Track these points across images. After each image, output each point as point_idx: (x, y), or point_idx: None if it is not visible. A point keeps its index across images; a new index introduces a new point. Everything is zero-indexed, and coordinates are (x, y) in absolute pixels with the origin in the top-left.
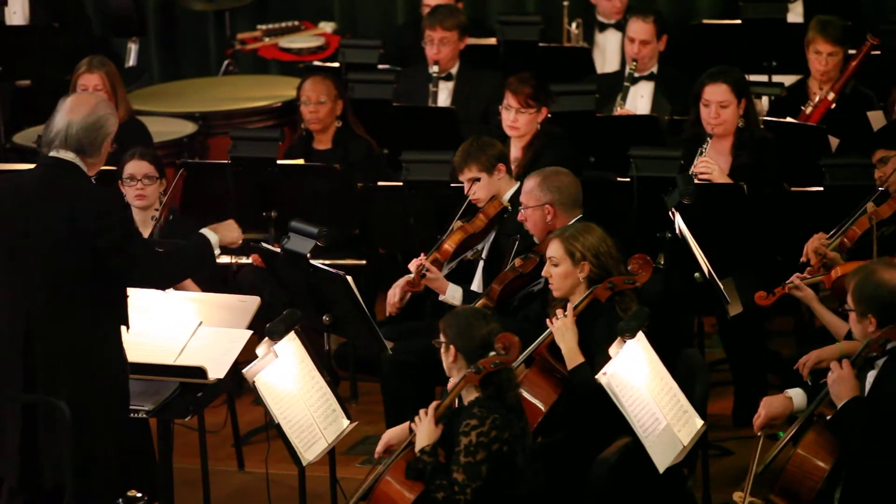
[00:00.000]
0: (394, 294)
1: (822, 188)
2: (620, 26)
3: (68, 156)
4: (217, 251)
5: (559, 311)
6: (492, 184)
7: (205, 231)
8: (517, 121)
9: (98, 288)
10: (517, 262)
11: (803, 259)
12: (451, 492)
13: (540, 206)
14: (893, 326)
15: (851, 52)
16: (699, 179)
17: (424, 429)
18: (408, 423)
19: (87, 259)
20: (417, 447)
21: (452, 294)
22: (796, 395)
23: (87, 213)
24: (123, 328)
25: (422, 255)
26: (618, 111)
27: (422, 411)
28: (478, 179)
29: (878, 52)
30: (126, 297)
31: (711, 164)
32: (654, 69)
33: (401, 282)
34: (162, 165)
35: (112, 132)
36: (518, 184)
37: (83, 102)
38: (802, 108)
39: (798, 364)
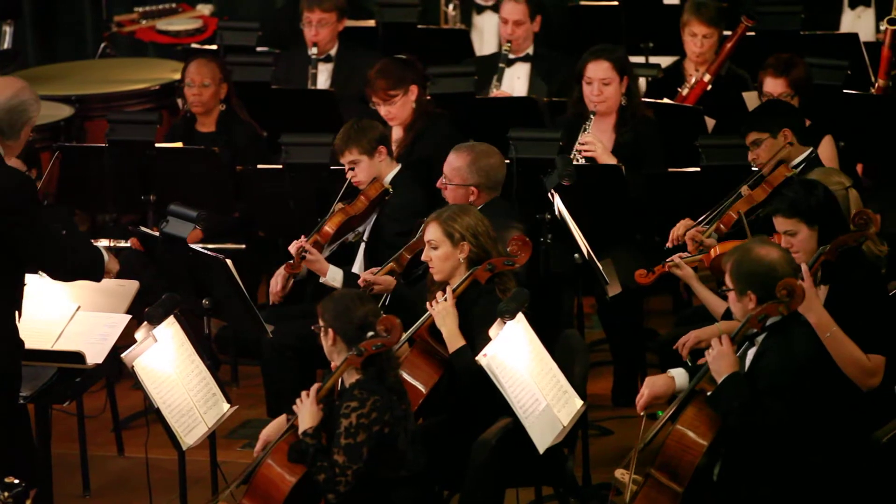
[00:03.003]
0: (276, 283)
1: (698, 168)
2: (498, 8)
3: None
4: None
5: (439, 294)
6: (373, 166)
7: (101, 249)
8: (389, 112)
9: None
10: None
11: (669, 245)
12: (332, 474)
13: (465, 185)
14: (772, 302)
15: (727, 33)
16: (583, 156)
17: (307, 411)
18: (284, 416)
19: None
20: (301, 429)
21: (333, 276)
22: (678, 375)
23: None
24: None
25: (302, 237)
26: (493, 92)
27: (303, 393)
28: (359, 162)
29: (753, 34)
30: (23, 283)
31: (595, 140)
32: (530, 50)
33: (281, 270)
34: (33, 155)
35: (34, 118)
36: (399, 166)
37: (7, 86)
38: (679, 89)
39: (677, 344)
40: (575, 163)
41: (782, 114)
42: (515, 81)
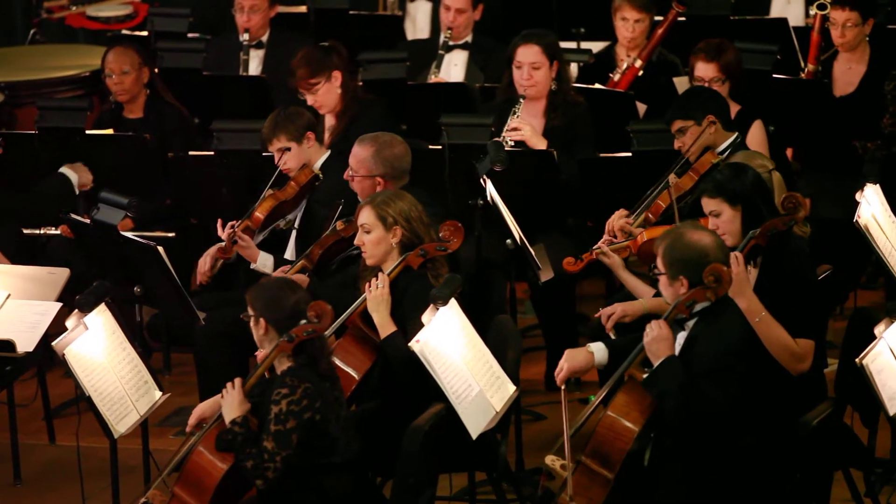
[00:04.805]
0: (204, 262)
1: (629, 153)
2: None
3: None
4: (77, 190)
5: (373, 281)
6: (302, 153)
7: (65, 171)
8: (316, 101)
9: None
10: (339, 224)
11: (607, 237)
12: (260, 460)
13: (371, 176)
14: (701, 288)
15: (658, 18)
16: (512, 138)
17: (233, 400)
18: (220, 394)
19: None
20: (227, 419)
21: (264, 262)
22: (598, 350)
23: None
24: None
25: (233, 222)
26: (432, 79)
27: (228, 384)
28: (288, 149)
29: (684, 19)
30: None
31: (524, 123)
32: (469, 38)
33: (211, 250)
34: None
35: None
36: (328, 152)
37: None
38: (610, 74)
39: (601, 313)
40: (505, 147)
41: (706, 101)
42: (452, 68)
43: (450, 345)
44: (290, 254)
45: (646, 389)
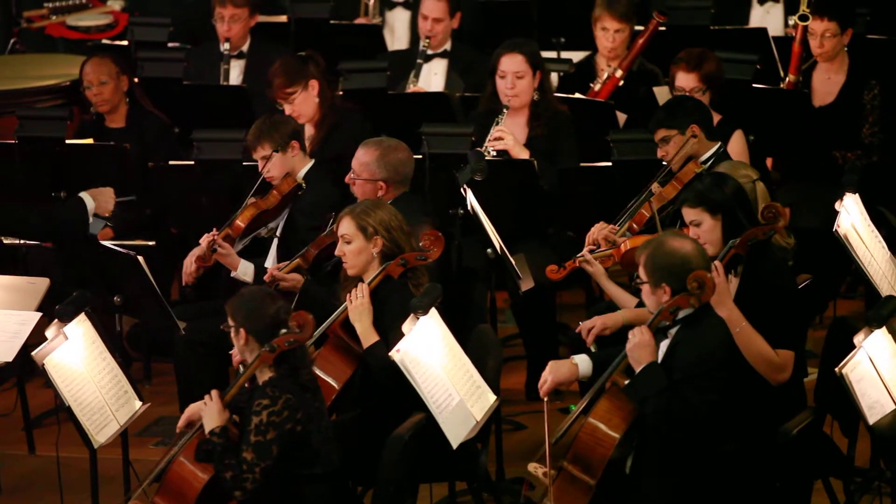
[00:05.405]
0: (189, 264)
1: (610, 163)
2: (409, 4)
3: None
4: (91, 218)
5: (353, 291)
6: (285, 161)
7: (83, 195)
8: (293, 110)
9: None
10: (336, 227)
11: (587, 249)
12: (239, 471)
13: (373, 180)
14: (684, 294)
15: (638, 28)
16: (494, 147)
17: (212, 410)
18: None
19: None
20: (207, 429)
21: (244, 271)
22: (582, 362)
23: None
24: None
25: (214, 229)
26: (411, 88)
27: (207, 396)
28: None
29: (664, 29)
30: None
31: (506, 133)
32: (448, 47)
33: (197, 250)
34: None
35: None
36: (312, 161)
37: None
38: (591, 84)
39: (581, 328)
40: (487, 156)
41: (690, 110)
42: (433, 77)
43: (430, 354)
44: (270, 262)
45: (627, 395)
